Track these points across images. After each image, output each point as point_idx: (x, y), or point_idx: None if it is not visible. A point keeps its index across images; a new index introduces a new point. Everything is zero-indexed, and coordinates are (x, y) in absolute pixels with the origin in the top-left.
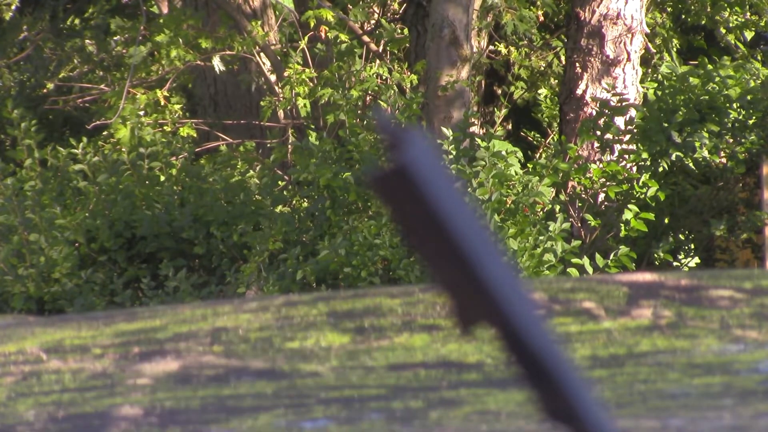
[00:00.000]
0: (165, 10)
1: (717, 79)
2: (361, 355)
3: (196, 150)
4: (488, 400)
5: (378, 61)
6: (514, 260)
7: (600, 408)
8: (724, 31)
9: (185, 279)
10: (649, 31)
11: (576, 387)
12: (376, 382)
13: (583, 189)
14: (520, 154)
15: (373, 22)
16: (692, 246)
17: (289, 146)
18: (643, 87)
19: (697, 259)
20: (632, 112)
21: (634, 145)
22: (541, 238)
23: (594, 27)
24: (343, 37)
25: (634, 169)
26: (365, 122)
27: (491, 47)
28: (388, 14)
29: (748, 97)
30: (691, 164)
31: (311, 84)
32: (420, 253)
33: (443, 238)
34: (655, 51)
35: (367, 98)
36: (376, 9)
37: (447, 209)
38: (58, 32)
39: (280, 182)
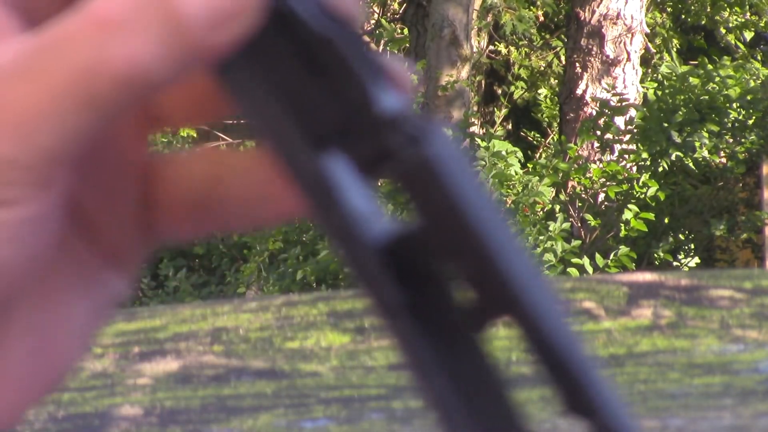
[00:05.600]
0: None
1: (717, 79)
2: (361, 355)
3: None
4: None
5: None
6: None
7: (621, 404)
8: (724, 31)
9: (185, 279)
10: (649, 31)
11: (597, 382)
12: (376, 382)
13: (583, 189)
14: (520, 154)
15: (373, 22)
16: (692, 246)
17: None
18: (643, 87)
19: (697, 259)
20: (632, 112)
21: (634, 145)
22: (541, 238)
23: (594, 27)
24: None
25: (634, 169)
26: None
27: (491, 47)
28: (388, 14)
29: (748, 97)
30: (691, 164)
31: None
32: (441, 247)
33: (467, 232)
34: (655, 51)
35: None
36: (376, 9)
37: (471, 203)
38: None
39: None
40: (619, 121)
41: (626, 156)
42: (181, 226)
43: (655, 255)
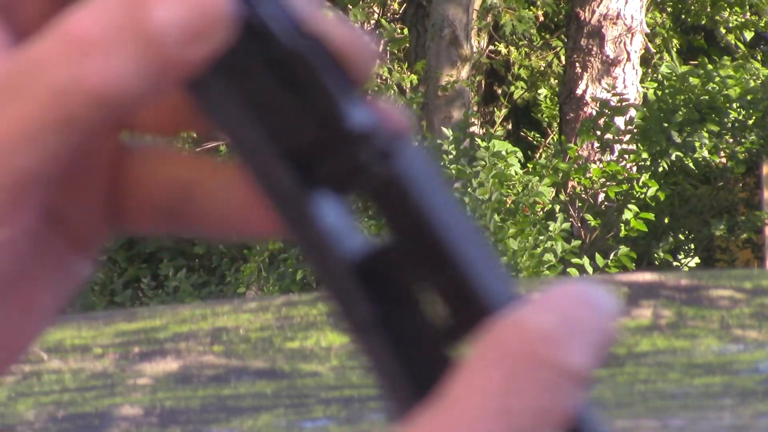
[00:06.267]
0: None
1: (717, 79)
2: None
3: (196, 150)
4: None
5: (378, 61)
6: (514, 264)
7: (594, 409)
8: (724, 31)
9: (185, 279)
10: (649, 31)
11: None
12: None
13: (583, 189)
14: (520, 154)
15: (373, 22)
16: (692, 246)
17: None
18: (643, 87)
19: (697, 259)
20: (632, 112)
21: (634, 145)
22: (541, 238)
23: (594, 27)
24: None
25: (634, 169)
26: None
27: (491, 47)
28: (388, 14)
29: (748, 97)
30: (691, 164)
31: None
32: (414, 262)
33: (438, 247)
34: (655, 51)
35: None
36: (376, 9)
37: (441, 218)
38: None
39: None
40: (619, 121)
41: (626, 156)
42: (148, 221)
43: (655, 255)
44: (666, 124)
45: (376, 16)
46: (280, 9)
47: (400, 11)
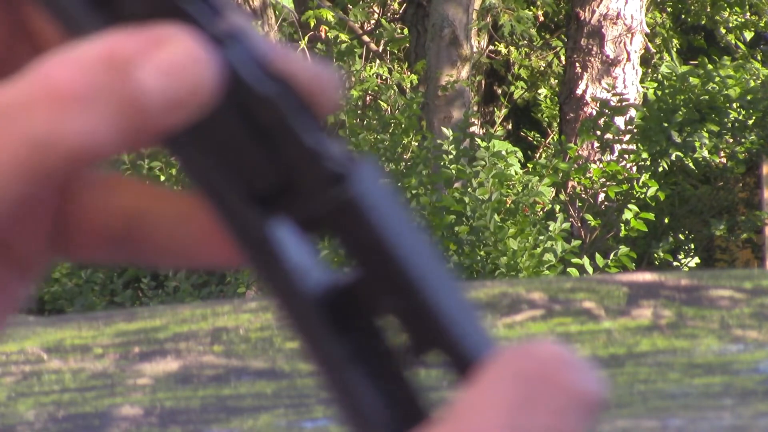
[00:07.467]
0: None
1: (717, 79)
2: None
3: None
4: None
5: (378, 61)
6: (514, 264)
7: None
8: (724, 31)
9: (185, 279)
10: (649, 31)
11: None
12: None
13: (583, 189)
14: (520, 154)
15: (373, 22)
16: (692, 246)
17: None
18: (643, 87)
19: (697, 259)
20: (632, 112)
21: (634, 145)
22: (541, 238)
23: (594, 27)
24: (343, 36)
25: (634, 169)
26: (365, 122)
27: (491, 47)
28: (388, 14)
29: (748, 97)
30: (691, 164)
31: None
32: (373, 284)
33: (395, 271)
34: (655, 51)
35: (367, 98)
36: (376, 9)
37: (398, 242)
38: None
39: None
40: (619, 121)
41: (626, 156)
42: (98, 249)
43: (655, 255)
44: (666, 124)
45: (376, 16)
46: (247, 52)
47: (400, 11)
